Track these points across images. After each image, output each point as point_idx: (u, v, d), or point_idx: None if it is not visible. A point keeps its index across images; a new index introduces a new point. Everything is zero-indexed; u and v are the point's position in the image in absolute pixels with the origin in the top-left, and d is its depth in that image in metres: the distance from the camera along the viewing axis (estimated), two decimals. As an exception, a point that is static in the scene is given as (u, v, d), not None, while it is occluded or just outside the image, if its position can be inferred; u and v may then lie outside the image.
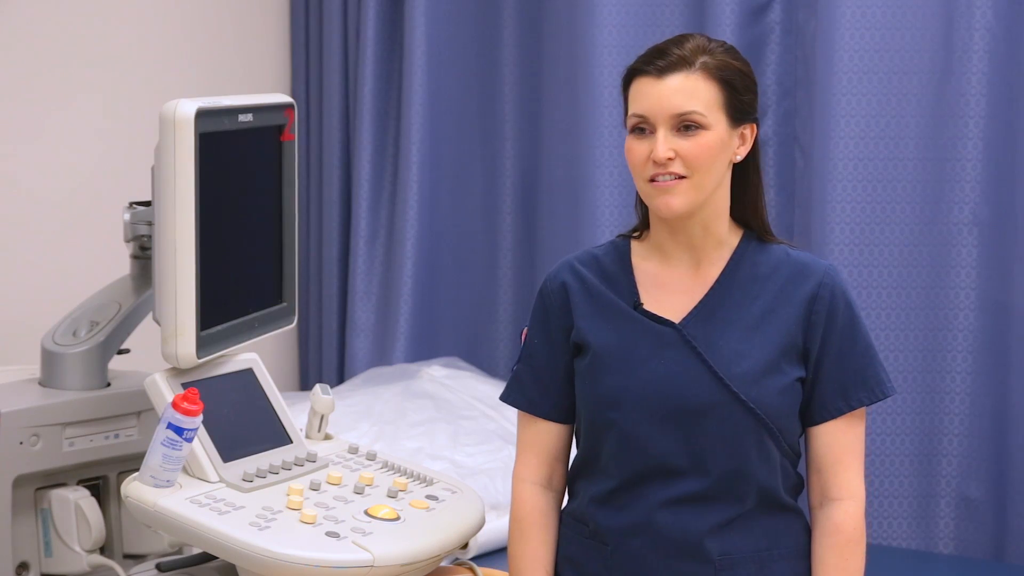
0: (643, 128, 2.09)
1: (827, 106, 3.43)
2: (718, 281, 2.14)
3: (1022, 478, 3.33)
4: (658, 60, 2.08)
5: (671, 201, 2.08)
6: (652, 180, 2.08)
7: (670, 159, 2.06)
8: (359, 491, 2.30)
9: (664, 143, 2.06)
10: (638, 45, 2.20)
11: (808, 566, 2.16)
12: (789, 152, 3.58)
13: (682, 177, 2.07)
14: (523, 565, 2.19)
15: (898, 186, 3.43)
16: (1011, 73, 3.33)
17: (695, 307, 2.13)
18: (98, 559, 2.38)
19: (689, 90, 2.07)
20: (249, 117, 2.36)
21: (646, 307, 2.14)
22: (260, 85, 4.02)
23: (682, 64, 2.07)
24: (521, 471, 2.23)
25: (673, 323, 2.12)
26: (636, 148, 2.09)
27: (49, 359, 2.45)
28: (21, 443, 2.33)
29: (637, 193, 2.18)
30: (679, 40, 2.11)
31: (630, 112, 2.10)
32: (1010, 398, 3.34)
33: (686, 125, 2.07)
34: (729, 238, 2.16)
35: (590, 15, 3.66)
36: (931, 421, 3.44)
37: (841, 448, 2.14)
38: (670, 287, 2.15)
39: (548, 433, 2.22)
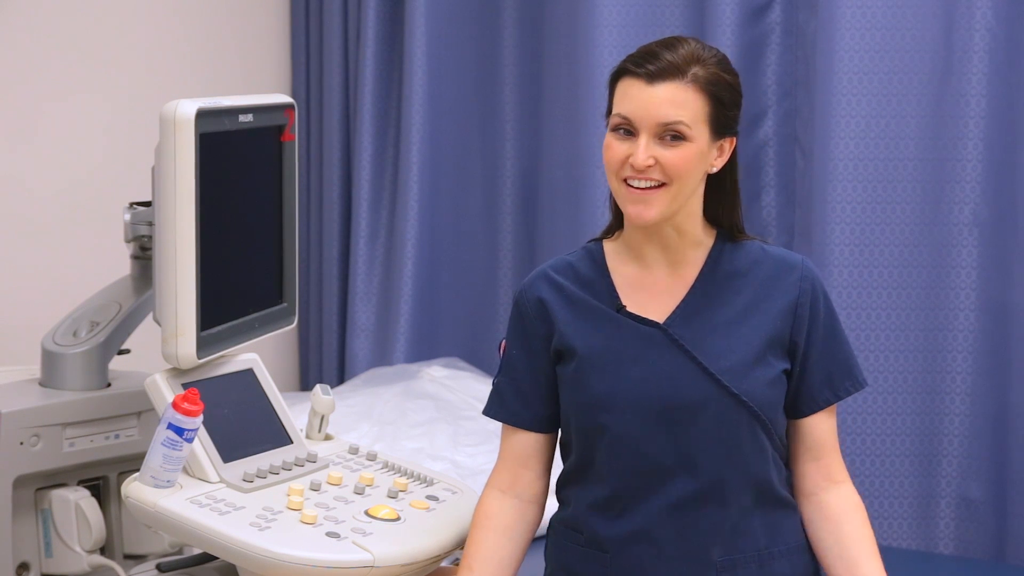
0: (625, 129, 2.08)
1: (827, 106, 3.43)
2: (698, 280, 2.14)
3: (1022, 478, 3.33)
4: (649, 64, 2.06)
5: (644, 212, 2.07)
6: (627, 183, 2.07)
7: (649, 166, 2.06)
8: (359, 491, 2.30)
9: (645, 150, 2.05)
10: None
11: (807, 560, 2.16)
12: (789, 152, 3.58)
13: (659, 185, 2.06)
14: (461, 563, 2.20)
15: (898, 186, 3.43)
16: (1011, 73, 3.33)
17: (678, 306, 2.13)
18: (98, 559, 2.38)
19: (678, 101, 2.05)
20: (249, 117, 2.36)
21: (628, 309, 2.13)
22: (260, 85, 4.02)
23: (674, 72, 2.05)
24: (489, 477, 2.23)
25: (658, 323, 2.12)
26: (615, 147, 2.08)
27: (49, 359, 2.45)
28: (21, 443, 2.33)
29: (611, 192, 2.18)
30: (672, 44, 2.09)
31: (614, 111, 2.09)
32: (1010, 398, 3.34)
33: (671, 135, 2.06)
34: (704, 238, 2.16)
35: (590, 15, 3.66)
36: (931, 421, 3.44)
37: (833, 435, 2.18)
38: (650, 289, 2.15)
39: (521, 441, 2.20)
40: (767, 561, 2.13)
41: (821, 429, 2.16)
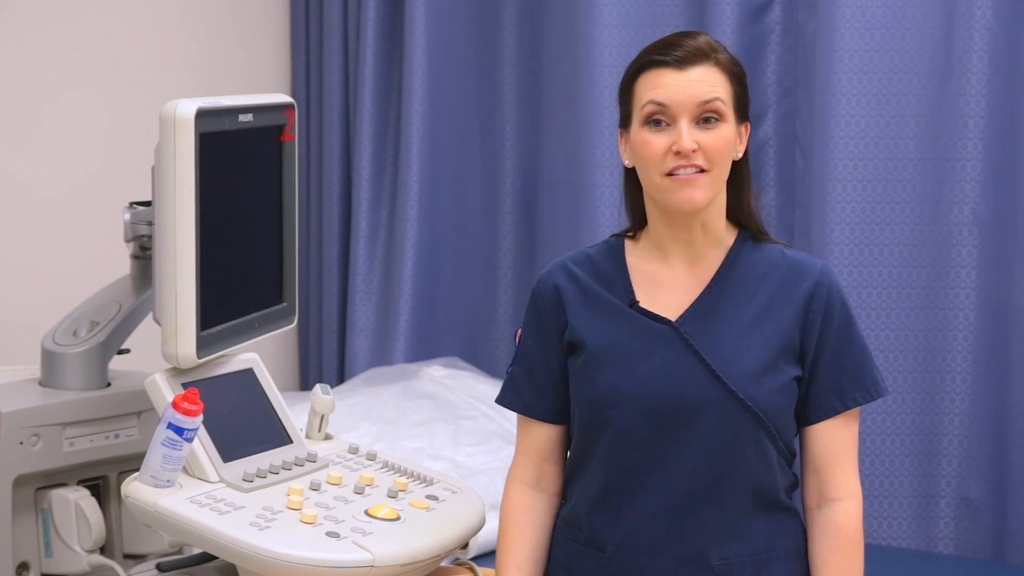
0: (659, 120, 2.08)
1: (827, 106, 3.43)
2: (714, 279, 2.14)
3: (1022, 478, 3.33)
4: (675, 51, 2.08)
5: (693, 195, 2.06)
6: (670, 174, 2.07)
7: (693, 151, 2.06)
8: (359, 491, 2.30)
9: (689, 134, 2.05)
10: (638, 45, 2.19)
11: (805, 566, 2.15)
12: (789, 152, 3.58)
13: (702, 171, 2.07)
14: (499, 561, 2.20)
15: (898, 186, 3.44)
16: (1011, 73, 3.33)
17: (691, 305, 2.12)
18: (98, 559, 2.38)
19: (711, 80, 2.07)
20: (249, 117, 2.36)
21: (642, 305, 2.13)
22: (260, 85, 4.02)
23: (701, 56, 2.08)
24: (512, 471, 2.23)
25: (670, 321, 2.11)
26: (654, 140, 2.07)
27: (49, 359, 2.45)
28: (21, 443, 2.32)
29: (624, 194, 2.17)
30: (688, 34, 2.12)
31: (646, 100, 2.08)
32: (1010, 398, 3.34)
33: (706, 117, 2.06)
34: (725, 237, 2.16)
35: (590, 15, 3.66)
36: (931, 421, 3.44)
37: (838, 448, 2.14)
38: (666, 285, 2.14)
39: (542, 434, 2.21)
40: (764, 566, 2.12)
41: (826, 440, 2.13)
